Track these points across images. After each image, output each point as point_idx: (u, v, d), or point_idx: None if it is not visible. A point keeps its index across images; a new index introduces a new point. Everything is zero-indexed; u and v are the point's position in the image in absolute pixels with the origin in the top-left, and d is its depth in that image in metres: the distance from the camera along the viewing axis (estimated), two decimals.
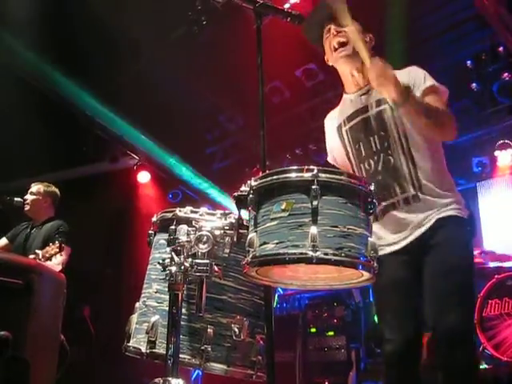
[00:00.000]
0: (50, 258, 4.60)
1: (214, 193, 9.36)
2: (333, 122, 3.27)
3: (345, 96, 3.24)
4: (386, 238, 2.91)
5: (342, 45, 3.04)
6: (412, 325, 2.84)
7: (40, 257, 4.63)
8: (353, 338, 7.20)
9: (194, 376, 7.44)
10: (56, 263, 4.75)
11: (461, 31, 7.01)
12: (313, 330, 7.48)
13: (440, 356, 2.64)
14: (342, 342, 7.14)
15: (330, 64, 3.21)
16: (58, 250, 4.59)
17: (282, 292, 7.80)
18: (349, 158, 3.15)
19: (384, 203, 2.90)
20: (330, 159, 3.36)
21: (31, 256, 4.73)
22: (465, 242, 2.80)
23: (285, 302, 7.98)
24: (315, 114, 8.06)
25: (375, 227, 2.26)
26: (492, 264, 6.66)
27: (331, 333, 7.30)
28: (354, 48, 3.02)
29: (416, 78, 2.96)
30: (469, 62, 7.20)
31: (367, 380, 6.65)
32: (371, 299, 8.06)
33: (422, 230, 2.83)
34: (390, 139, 2.94)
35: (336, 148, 3.25)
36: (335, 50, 3.07)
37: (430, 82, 2.96)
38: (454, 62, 7.40)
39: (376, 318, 7.14)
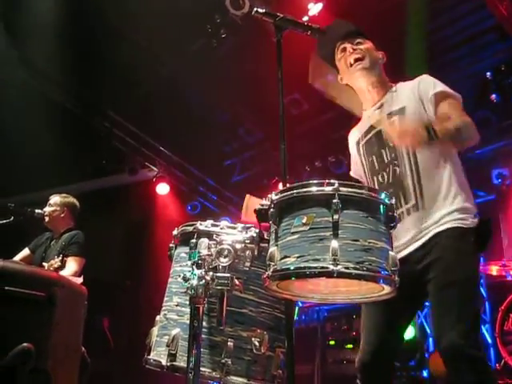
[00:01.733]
0: (57, 272, 4.62)
1: None
2: (353, 138, 3.32)
3: (363, 113, 3.27)
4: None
5: (359, 60, 3.09)
6: (379, 337, 2.86)
7: (46, 269, 4.66)
8: None
9: None
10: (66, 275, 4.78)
11: (480, 42, 6.99)
12: (332, 342, 7.45)
13: (449, 374, 2.61)
14: None
15: (344, 83, 3.24)
16: (60, 263, 4.60)
17: (300, 304, 7.77)
18: (364, 172, 3.18)
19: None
20: (352, 173, 3.38)
21: None
22: (463, 253, 2.72)
23: (303, 314, 7.95)
24: (334, 126, 8.05)
25: None
26: None
27: (350, 345, 7.26)
28: (370, 62, 3.06)
29: (426, 85, 2.97)
30: (488, 73, 7.17)
31: None
32: None
33: (419, 243, 2.81)
34: (397, 150, 2.94)
35: (356, 163, 3.29)
36: (351, 65, 3.10)
37: (440, 87, 2.94)
38: (473, 73, 7.38)
39: None
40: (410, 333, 6.99)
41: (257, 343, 2.39)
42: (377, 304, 2.76)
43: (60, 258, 4.66)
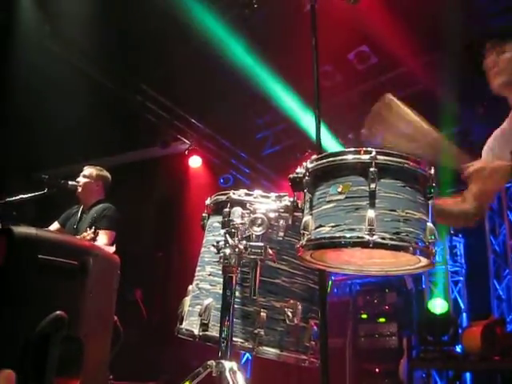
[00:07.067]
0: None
1: None
2: (508, 138, 3.00)
3: None
4: None
5: (497, 73, 2.91)
6: None
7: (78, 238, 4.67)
8: (404, 325, 7.13)
9: (243, 360, 7.48)
10: None
11: None
12: (364, 316, 7.44)
13: None
14: (394, 329, 7.09)
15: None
16: (92, 235, 4.61)
17: (333, 278, 7.75)
18: None
19: None
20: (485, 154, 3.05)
21: None
22: None
23: (336, 288, 7.95)
24: (366, 98, 7.95)
25: None
26: None
27: (382, 319, 7.25)
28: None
29: None
30: None
31: (419, 368, 6.57)
32: (423, 286, 7.96)
33: None
34: None
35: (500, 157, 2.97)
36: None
37: None
38: None
39: (428, 305, 7.07)
40: (443, 307, 6.94)
41: (290, 314, 2.37)
42: None
43: (93, 230, 4.67)
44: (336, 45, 6.20)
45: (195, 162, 9.20)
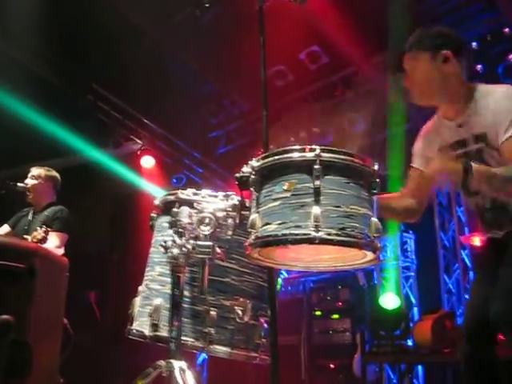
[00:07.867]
0: (37, 244, 4.53)
1: None
2: (433, 138, 3.00)
3: (442, 119, 2.96)
4: None
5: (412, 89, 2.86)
6: (482, 307, 2.78)
7: (25, 240, 4.57)
8: (358, 320, 7.23)
9: (200, 360, 7.47)
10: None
11: (466, 12, 6.92)
12: (318, 312, 7.50)
13: None
14: (347, 325, 7.18)
15: None
16: (43, 234, 4.52)
17: (286, 275, 7.80)
18: None
19: None
20: (416, 163, 3.03)
21: None
22: None
23: (289, 286, 8.00)
24: (319, 97, 8.04)
25: None
26: None
27: (336, 316, 7.34)
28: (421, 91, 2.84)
29: (504, 119, 2.65)
30: (474, 43, 7.11)
31: (372, 362, 6.66)
32: (375, 282, 8.08)
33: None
34: None
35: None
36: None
37: None
38: None
39: (380, 301, 7.17)
40: (395, 303, 7.05)
41: (240, 312, 2.39)
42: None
43: (44, 229, 4.57)
44: (288, 45, 6.25)
45: (148, 161, 9.15)
